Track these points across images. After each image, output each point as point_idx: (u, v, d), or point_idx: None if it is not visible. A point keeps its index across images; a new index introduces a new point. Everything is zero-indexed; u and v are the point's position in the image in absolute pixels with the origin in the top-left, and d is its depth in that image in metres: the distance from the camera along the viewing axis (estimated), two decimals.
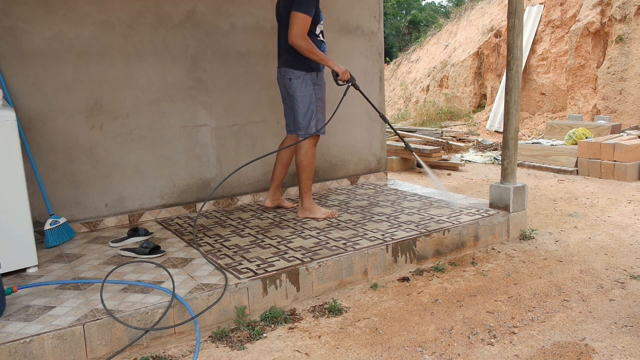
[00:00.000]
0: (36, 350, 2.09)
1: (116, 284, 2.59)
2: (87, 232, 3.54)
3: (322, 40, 3.45)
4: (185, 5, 3.77)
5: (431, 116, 11.34)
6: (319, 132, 3.48)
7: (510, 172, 3.71)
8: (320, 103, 3.47)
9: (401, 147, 6.91)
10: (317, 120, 3.46)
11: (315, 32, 3.37)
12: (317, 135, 3.50)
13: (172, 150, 3.84)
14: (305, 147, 3.48)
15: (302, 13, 3.20)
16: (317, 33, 3.39)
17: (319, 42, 3.40)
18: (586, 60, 8.31)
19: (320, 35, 3.42)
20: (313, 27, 3.34)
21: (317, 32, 3.39)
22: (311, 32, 3.33)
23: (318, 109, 3.46)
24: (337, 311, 2.62)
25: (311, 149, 3.49)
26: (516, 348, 2.26)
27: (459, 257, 3.36)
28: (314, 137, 3.49)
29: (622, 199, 4.78)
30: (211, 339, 2.38)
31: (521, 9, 3.55)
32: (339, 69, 3.37)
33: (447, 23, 14.49)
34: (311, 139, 3.48)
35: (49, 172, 3.40)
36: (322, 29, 3.46)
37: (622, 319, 2.50)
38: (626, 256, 3.33)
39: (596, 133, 6.63)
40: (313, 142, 3.50)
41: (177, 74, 3.79)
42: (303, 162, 3.49)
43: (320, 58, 3.31)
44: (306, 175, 3.52)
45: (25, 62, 3.26)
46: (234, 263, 2.82)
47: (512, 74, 3.60)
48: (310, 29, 3.32)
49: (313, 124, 3.45)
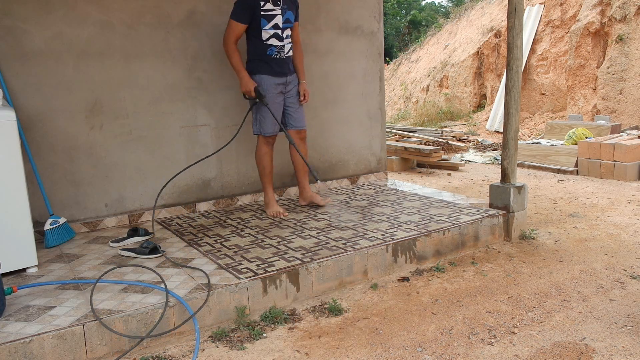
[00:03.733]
0: (36, 350, 2.09)
1: (116, 284, 2.59)
2: (87, 232, 3.54)
3: (273, 45, 3.54)
4: (185, 5, 3.77)
5: (431, 116, 11.34)
6: (262, 133, 3.65)
7: (510, 172, 3.71)
8: (260, 105, 3.59)
9: (401, 148, 6.91)
10: (259, 121, 3.63)
11: (261, 38, 3.50)
12: (268, 135, 3.66)
13: (172, 150, 3.84)
14: (257, 146, 3.76)
15: (232, 19, 3.46)
16: (265, 38, 3.51)
17: (266, 46, 3.52)
18: (586, 60, 8.31)
19: (270, 40, 3.52)
20: (256, 33, 3.50)
21: (263, 38, 3.51)
22: (255, 38, 3.52)
23: (258, 111, 3.62)
24: (337, 311, 2.62)
25: (260, 147, 3.71)
26: (516, 348, 2.26)
27: (458, 257, 3.37)
28: (264, 137, 3.67)
29: (622, 199, 4.78)
30: (211, 339, 2.38)
31: (521, 9, 3.55)
32: (242, 86, 3.52)
33: (447, 23, 14.49)
34: (261, 138, 3.69)
35: (49, 172, 3.40)
36: (278, 33, 3.54)
37: (622, 319, 2.50)
38: (626, 256, 3.33)
39: (596, 133, 6.63)
40: (263, 141, 3.69)
41: (177, 74, 3.79)
42: (255, 159, 3.81)
43: (234, 68, 3.53)
44: (259, 172, 3.79)
45: (25, 62, 3.26)
46: (234, 263, 2.82)
47: (512, 74, 3.60)
48: (254, 34, 3.50)
49: (255, 124, 3.67)
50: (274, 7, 3.48)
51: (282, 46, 3.57)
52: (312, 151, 4.47)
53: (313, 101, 4.43)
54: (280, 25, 3.53)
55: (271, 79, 3.56)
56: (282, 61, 3.59)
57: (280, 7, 3.51)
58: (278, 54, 3.56)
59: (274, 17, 3.49)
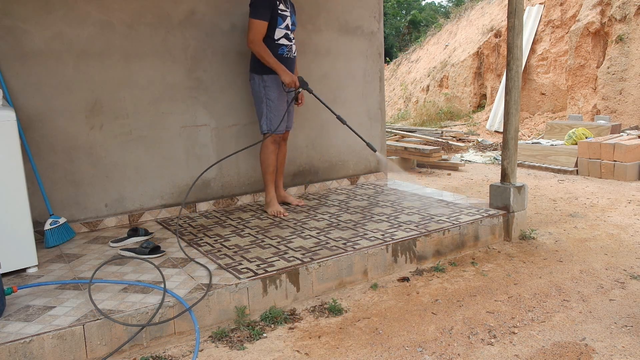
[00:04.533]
0: (36, 350, 2.09)
1: (116, 283, 2.59)
2: (87, 232, 3.54)
3: (284, 44, 3.58)
4: (185, 5, 3.77)
5: (431, 116, 11.34)
6: (273, 132, 3.64)
7: (510, 172, 3.71)
8: (271, 103, 3.62)
9: (401, 148, 6.91)
10: (269, 120, 3.64)
11: (273, 37, 3.53)
12: (276, 134, 3.67)
13: (172, 150, 3.84)
14: (263, 144, 3.72)
15: (255, 19, 3.44)
16: (277, 38, 3.54)
17: (277, 46, 3.55)
18: (586, 60, 8.31)
19: (281, 40, 3.56)
20: (271, 32, 3.52)
21: (275, 37, 3.54)
22: (268, 37, 3.52)
23: (269, 109, 3.62)
24: (337, 311, 2.62)
25: (267, 146, 3.69)
26: (516, 348, 2.26)
27: (458, 257, 3.37)
28: (272, 135, 3.67)
29: (622, 199, 4.78)
30: (211, 339, 2.38)
31: (521, 9, 3.55)
32: (284, 78, 3.52)
33: (447, 23, 14.49)
34: (269, 137, 3.67)
35: (49, 172, 3.39)
36: (288, 33, 3.61)
37: (622, 319, 2.50)
38: (626, 256, 3.33)
39: (596, 133, 6.63)
40: (270, 140, 3.68)
41: (177, 74, 3.79)
42: (260, 157, 3.76)
43: (271, 65, 3.50)
44: (262, 170, 3.76)
45: (25, 62, 3.25)
46: (234, 263, 2.82)
47: (512, 74, 3.60)
48: (268, 34, 3.51)
49: (264, 123, 3.66)
50: (286, 8, 3.59)
51: (291, 46, 3.66)
52: (312, 151, 4.47)
53: (313, 101, 4.43)
54: (290, 27, 3.62)
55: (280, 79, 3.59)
56: (291, 61, 3.67)
57: (289, 10, 3.63)
58: (288, 54, 3.63)
59: (286, 18, 3.58)
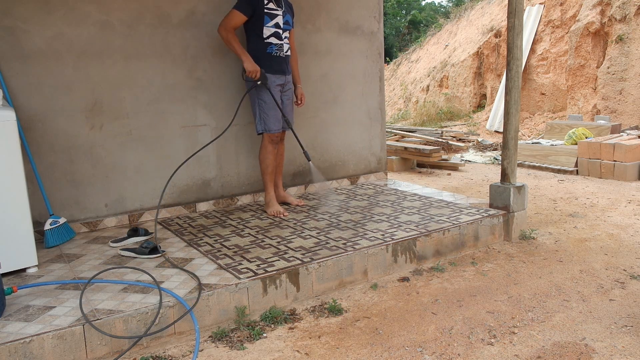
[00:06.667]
0: (36, 350, 2.09)
1: (116, 283, 2.59)
2: (87, 232, 3.54)
3: (273, 43, 3.59)
4: (185, 5, 3.77)
5: (431, 116, 11.34)
6: (267, 131, 3.64)
7: (510, 172, 3.71)
8: (263, 104, 3.62)
9: (401, 148, 6.91)
10: (263, 120, 3.64)
11: (261, 35, 3.55)
12: (273, 133, 3.66)
13: (172, 150, 3.84)
14: (261, 145, 3.73)
15: (235, 9, 3.46)
16: (265, 36, 3.56)
17: (266, 44, 3.57)
18: (586, 60, 8.31)
19: (270, 38, 3.58)
20: (258, 30, 3.54)
21: (264, 35, 3.55)
22: (257, 35, 3.55)
23: (261, 110, 3.63)
24: (337, 311, 2.62)
25: (265, 146, 3.69)
26: (516, 348, 2.26)
27: (458, 257, 3.37)
28: (269, 135, 3.65)
29: (622, 199, 4.78)
30: (211, 339, 2.38)
31: (521, 9, 3.55)
32: (247, 65, 3.48)
33: (447, 23, 14.49)
34: (265, 137, 3.67)
35: (49, 172, 3.39)
36: (278, 32, 3.61)
37: (622, 319, 2.50)
38: (626, 256, 3.33)
39: (596, 133, 6.63)
40: (268, 140, 3.68)
41: (177, 74, 3.79)
42: (259, 157, 3.78)
43: (236, 50, 3.49)
44: (261, 170, 3.77)
45: (25, 62, 3.26)
46: (234, 263, 2.82)
47: (512, 74, 3.60)
48: (256, 32, 3.54)
49: (259, 124, 3.66)
50: (277, 7, 3.58)
51: (282, 45, 3.65)
52: (312, 151, 4.47)
53: (313, 101, 4.43)
54: (280, 25, 3.61)
55: (271, 77, 3.60)
56: (281, 59, 3.66)
57: (282, 10, 3.62)
58: (278, 52, 3.63)
59: (275, 16, 3.57)
